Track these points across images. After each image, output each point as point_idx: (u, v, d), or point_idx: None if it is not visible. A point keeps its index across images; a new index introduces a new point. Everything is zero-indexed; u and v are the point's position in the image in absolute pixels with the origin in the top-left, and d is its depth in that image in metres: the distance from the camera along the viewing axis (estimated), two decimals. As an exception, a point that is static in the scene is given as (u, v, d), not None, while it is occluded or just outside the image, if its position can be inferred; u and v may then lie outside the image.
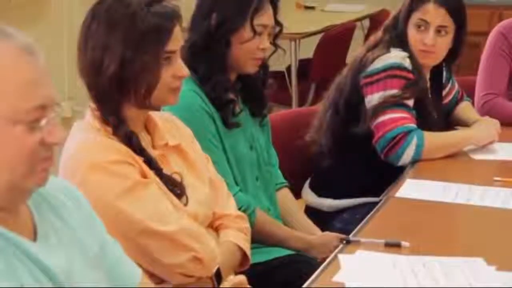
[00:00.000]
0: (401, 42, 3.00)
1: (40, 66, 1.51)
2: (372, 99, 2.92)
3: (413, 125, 2.89)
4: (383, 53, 2.97)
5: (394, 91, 2.90)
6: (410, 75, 2.94)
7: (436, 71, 3.16)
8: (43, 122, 1.49)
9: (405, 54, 2.97)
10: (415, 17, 3.00)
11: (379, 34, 3.09)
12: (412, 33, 3.00)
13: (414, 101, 2.95)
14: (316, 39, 5.55)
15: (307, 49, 5.66)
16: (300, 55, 5.77)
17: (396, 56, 2.96)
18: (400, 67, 2.94)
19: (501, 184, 2.68)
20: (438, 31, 2.98)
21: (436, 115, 3.10)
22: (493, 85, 3.40)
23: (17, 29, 1.54)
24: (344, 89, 3.03)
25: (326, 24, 5.69)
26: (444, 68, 3.21)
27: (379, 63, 2.95)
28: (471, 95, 3.42)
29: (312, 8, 6.56)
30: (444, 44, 3.01)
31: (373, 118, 2.90)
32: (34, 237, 1.56)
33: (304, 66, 5.58)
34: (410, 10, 3.01)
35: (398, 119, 2.88)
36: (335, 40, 5.53)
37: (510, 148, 3.04)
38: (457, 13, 3.00)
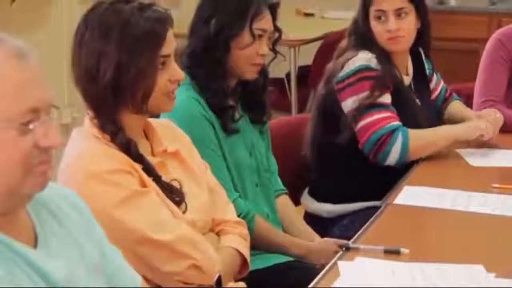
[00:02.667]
0: (366, 41, 3.01)
1: (32, 68, 1.50)
2: (347, 104, 2.94)
3: (396, 123, 2.90)
4: (351, 57, 2.98)
5: (367, 93, 2.92)
6: (379, 74, 2.95)
7: (414, 55, 3.16)
8: (31, 125, 1.47)
9: (371, 55, 2.98)
10: (372, 11, 3.01)
11: (345, 41, 3.10)
12: (375, 27, 3.01)
13: (391, 94, 2.95)
14: (316, 46, 5.54)
15: (307, 56, 5.66)
16: (299, 62, 5.77)
17: (363, 58, 2.97)
18: (367, 68, 2.95)
19: (499, 191, 2.68)
20: (398, 14, 2.99)
21: (424, 100, 3.10)
22: (491, 91, 3.39)
23: (14, 34, 1.53)
24: (320, 98, 3.06)
25: (326, 31, 5.68)
26: (424, 59, 3.20)
27: (348, 68, 2.97)
28: (469, 102, 3.43)
29: (311, 15, 6.55)
30: (408, 25, 3.01)
31: (354, 124, 2.92)
32: (34, 243, 1.56)
33: (303, 73, 5.57)
34: (365, 7, 3.03)
35: (379, 120, 2.89)
36: (335, 47, 5.51)
37: (508, 155, 3.04)
38: None
